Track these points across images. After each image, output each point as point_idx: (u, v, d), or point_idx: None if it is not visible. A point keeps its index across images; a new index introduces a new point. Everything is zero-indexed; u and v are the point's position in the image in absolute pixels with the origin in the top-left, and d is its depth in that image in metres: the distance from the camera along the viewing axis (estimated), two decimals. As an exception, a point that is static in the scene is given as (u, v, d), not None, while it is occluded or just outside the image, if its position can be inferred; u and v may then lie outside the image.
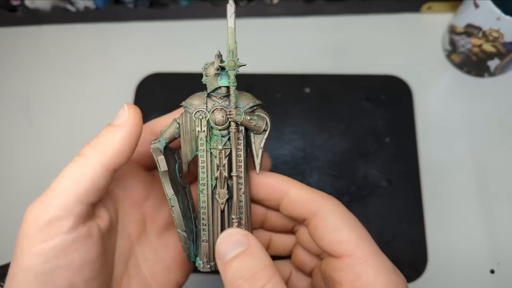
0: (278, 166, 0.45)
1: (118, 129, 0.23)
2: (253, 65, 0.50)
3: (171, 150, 0.26)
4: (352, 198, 0.43)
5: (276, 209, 0.26)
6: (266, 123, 0.24)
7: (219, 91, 0.24)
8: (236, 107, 0.24)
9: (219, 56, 0.24)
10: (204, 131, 0.24)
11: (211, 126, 0.24)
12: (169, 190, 0.24)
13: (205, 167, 0.24)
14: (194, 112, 0.24)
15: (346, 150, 0.46)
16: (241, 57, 0.24)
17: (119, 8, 0.52)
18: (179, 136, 0.25)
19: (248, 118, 0.23)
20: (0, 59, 0.53)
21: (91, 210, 0.23)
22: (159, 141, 0.24)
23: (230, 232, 0.23)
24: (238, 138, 0.24)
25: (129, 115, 0.23)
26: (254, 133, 0.24)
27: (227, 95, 0.24)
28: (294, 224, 0.28)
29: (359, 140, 0.46)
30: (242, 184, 0.24)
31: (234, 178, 0.24)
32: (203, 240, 0.25)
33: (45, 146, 0.48)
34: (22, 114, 0.50)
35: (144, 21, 0.54)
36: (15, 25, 0.54)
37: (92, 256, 0.22)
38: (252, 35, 0.52)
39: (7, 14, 0.53)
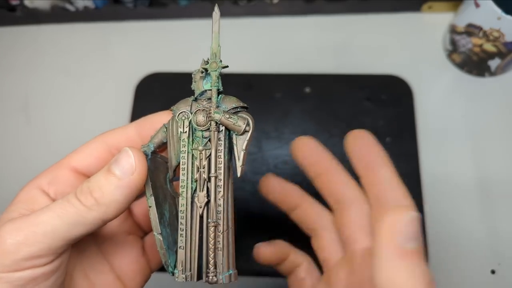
0: (278, 166, 0.45)
1: (122, 185, 0.21)
2: (253, 65, 0.50)
3: (164, 158, 0.25)
4: (353, 198, 0.43)
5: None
6: (248, 123, 0.24)
7: (205, 94, 0.24)
8: (217, 107, 0.24)
9: (205, 61, 0.24)
10: (186, 132, 0.24)
11: (194, 128, 0.24)
12: (147, 191, 0.24)
13: (186, 168, 0.24)
14: (177, 114, 0.24)
15: (347, 150, 0.45)
16: (240, 56, 0.23)
17: (118, 7, 0.52)
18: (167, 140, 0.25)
19: (227, 116, 0.23)
20: (-1, 58, 0.53)
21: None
22: (148, 145, 0.24)
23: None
24: (219, 139, 0.24)
25: (136, 170, 0.21)
26: (236, 134, 0.24)
27: None
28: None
29: (359, 140, 0.46)
30: (221, 187, 0.23)
31: (212, 179, 0.23)
32: (179, 247, 0.23)
33: (44, 145, 0.48)
34: (21, 114, 0.50)
35: (143, 20, 0.54)
36: (14, 25, 0.54)
37: (58, 283, 0.22)
38: (252, 34, 0.52)
39: (6, 14, 0.53)
